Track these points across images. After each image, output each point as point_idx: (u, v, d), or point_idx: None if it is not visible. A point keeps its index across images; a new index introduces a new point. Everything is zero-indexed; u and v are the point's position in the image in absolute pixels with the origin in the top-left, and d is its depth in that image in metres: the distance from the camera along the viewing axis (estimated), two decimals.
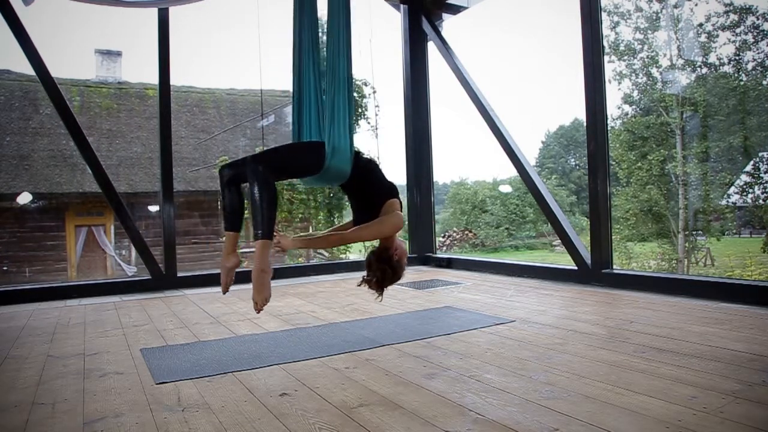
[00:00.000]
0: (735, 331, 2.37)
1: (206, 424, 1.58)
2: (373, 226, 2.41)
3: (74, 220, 10.85)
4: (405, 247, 2.54)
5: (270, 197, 2.19)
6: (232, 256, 2.42)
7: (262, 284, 2.22)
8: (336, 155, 2.36)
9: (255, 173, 2.19)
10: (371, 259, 2.46)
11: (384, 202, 2.44)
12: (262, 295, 2.22)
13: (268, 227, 2.19)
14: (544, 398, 1.67)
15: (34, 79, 6.03)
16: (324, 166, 2.35)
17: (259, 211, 2.17)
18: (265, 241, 2.20)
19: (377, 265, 2.42)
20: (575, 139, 20.51)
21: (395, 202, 2.47)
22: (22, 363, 2.28)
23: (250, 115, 12.72)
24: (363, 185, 2.50)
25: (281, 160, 2.38)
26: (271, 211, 2.20)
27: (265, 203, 2.17)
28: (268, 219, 2.18)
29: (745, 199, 9.25)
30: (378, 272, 2.41)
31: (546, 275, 4.19)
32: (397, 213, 2.43)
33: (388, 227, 2.41)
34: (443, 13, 5.38)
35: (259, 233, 2.19)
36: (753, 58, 9.12)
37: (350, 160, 2.40)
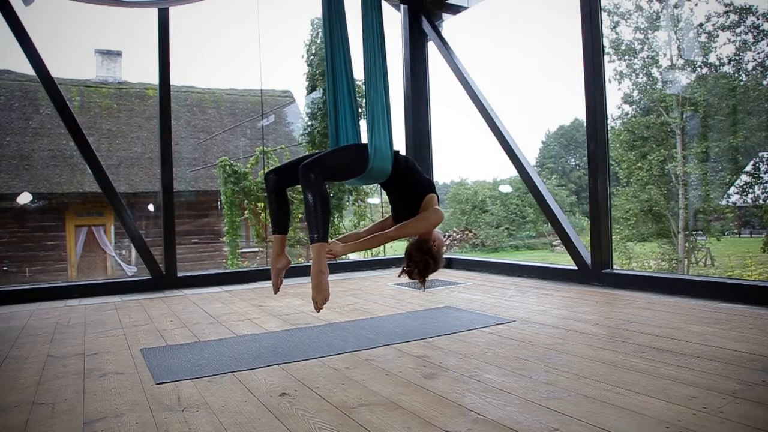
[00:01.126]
0: (735, 331, 2.37)
1: (206, 424, 1.58)
2: (416, 223, 2.51)
3: (74, 220, 10.85)
4: (443, 239, 2.65)
5: (324, 202, 2.29)
6: (281, 257, 2.59)
7: (321, 284, 2.34)
8: (378, 156, 2.48)
9: (308, 181, 2.28)
10: (411, 251, 2.53)
11: (423, 198, 2.55)
12: (321, 295, 2.34)
13: (324, 231, 2.30)
14: (544, 398, 1.67)
15: (34, 79, 6.03)
16: (368, 167, 2.47)
17: (314, 216, 2.27)
18: (321, 244, 2.31)
19: (419, 256, 2.50)
20: (575, 139, 20.51)
21: (433, 197, 2.58)
22: (22, 363, 2.28)
23: (250, 115, 12.73)
24: (402, 182, 2.61)
25: (331, 166, 2.48)
26: (325, 215, 2.29)
27: (319, 208, 2.27)
28: (323, 223, 2.29)
29: (745, 199, 9.25)
30: (420, 263, 2.50)
31: (546, 275, 4.19)
32: (437, 209, 2.54)
33: (429, 223, 2.52)
34: (443, 13, 5.37)
35: (315, 237, 2.30)
36: (753, 58, 9.11)
37: (391, 159, 2.52)
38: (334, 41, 2.68)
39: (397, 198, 2.69)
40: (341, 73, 2.68)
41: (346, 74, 2.68)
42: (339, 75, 2.68)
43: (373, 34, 2.61)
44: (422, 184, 2.60)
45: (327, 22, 2.70)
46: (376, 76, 2.58)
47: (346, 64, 2.68)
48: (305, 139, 10.52)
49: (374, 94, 2.57)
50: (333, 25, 2.68)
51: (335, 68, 2.68)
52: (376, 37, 2.61)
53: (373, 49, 2.60)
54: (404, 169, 2.60)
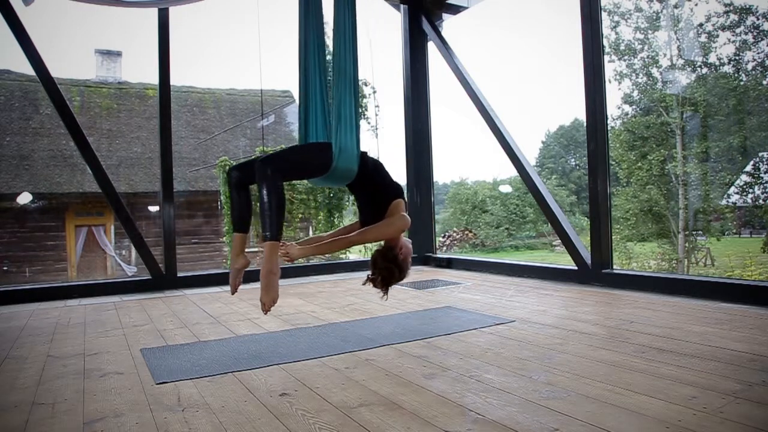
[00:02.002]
0: (735, 331, 2.37)
1: (206, 424, 1.58)
2: (379, 228, 2.43)
3: (74, 220, 10.85)
4: (410, 246, 2.57)
5: (279, 200, 2.21)
6: (240, 257, 2.47)
7: (270, 285, 2.23)
8: (343, 155, 2.39)
9: (264, 176, 2.21)
10: (377, 258, 2.47)
11: (390, 203, 2.47)
12: (269, 296, 2.24)
13: (277, 229, 2.22)
14: (544, 398, 1.67)
15: (34, 79, 6.03)
16: (331, 166, 2.38)
17: (268, 214, 2.19)
18: (274, 242, 2.22)
19: (383, 264, 2.43)
20: (575, 139, 20.50)
21: (401, 202, 2.50)
22: (22, 363, 2.28)
23: (250, 115, 12.73)
24: (369, 185, 2.53)
25: (290, 163, 2.40)
26: (280, 213, 2.22)
27: (274, 206, 2.20)
28: (276, 221, 2.21)
29: (745, 199, 9.25)
30: (384, 271, 2.43)
31: (546, 275, 4.19)
32: (403, 215, 2.46)
33: (394, 229, 2.44)
34: (443, 13, 5.37)
35: (267, 235, 2.21)
36: (753, 58, 9.12)
37: (357, 159, 2.43)
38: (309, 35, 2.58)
39: (363, 201, 2.61)
40: (314, 69, 2.57)
41: (319, 71, 2.58)
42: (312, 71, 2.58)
43: (345, 26, 2.49)
44: (389, 188, 2.51)
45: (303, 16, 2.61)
46: (346, 72, 2.47)
47: (319, 61, 2.58)
48: None
49: (342, 90, 2.45)
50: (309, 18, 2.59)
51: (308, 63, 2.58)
52: (347, 29, 2.49)
53: (344, 42, 2.48)
54: (371, 171, 2.51)
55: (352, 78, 2.48)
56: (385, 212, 2.46)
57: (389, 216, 2.45)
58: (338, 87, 2.46)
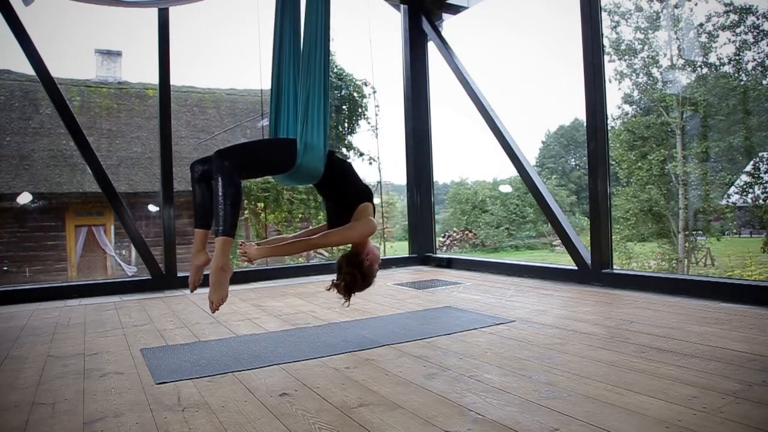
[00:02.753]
0: (735, 331, 2.37)
1: (206, 424, 1.58)
2: (342, 232, 2.36)
3: (74, 220, 10.86)
4: (378, 253, 2.48)
5: (234, 194, 2.14)
6: (201, 254, 2.39)
7: (220, 283, 2.17)
8: (308, 153, 2.30)
9: (220, 168, 2.13)
10: (342, 263, 2.40)
11: (357, 206, 2.40)
12: (218, 295, 2.17)
13: (231, 225, 2.15)
14: (544, 398, 1.67)
15: (34, 79, 6.03)
16: (295, 164, 2.29)
17: (222, 208, 2.12)
18: (226, 238, 2.15)
19: (347, 269, 2.37)
20: (575, 139, 20.50)
21: (368, 206, 2.42)
22: (22, 363, 2.28)
23: (250, 115, 12.73)
24: (336, 186, 2.45)
25: (249, 156, 2.32)
26: (235, 208, 2.14)
27: (228, 200, 2.12)
28: (231, 216, 2.14)
29: (745, 199, 9.25)
30: (347, 276, 2.37)
31: (546, 275, 4.19)
32: (368, 219, 2.38)
33: (357, 233, 2.36)
34: (443, 13, 5.37)
35: (219, 230, 2.14)
36: (753, 58, 9.12)
37: (323, 158, 2.35)
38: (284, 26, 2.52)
39: (330, 203, 2.53)
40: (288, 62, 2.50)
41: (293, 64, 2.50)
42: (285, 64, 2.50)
43: (317, 17, 2.38)
44: (357, 190, 2.43)
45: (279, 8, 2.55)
46: (315, 65, 2.35)
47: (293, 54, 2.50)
48: None
49: (311, 85, 2.34)
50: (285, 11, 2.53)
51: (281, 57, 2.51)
52: (319, 20, 2.38)
53: (315, 34, 2.37)
54: (339, 172, 2.43)
55: (322, 72, 2.37)
56: (352, 215, 2.39)
57: (355, 219, 2.38)
58: (307, 81, 2.35)
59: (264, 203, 10.23)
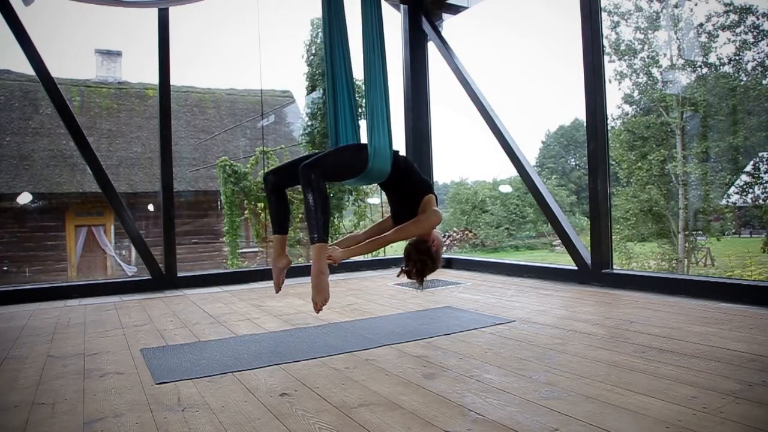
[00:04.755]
0: (735, 331, 2.37)
1: (206, 424, 1.58)
2: (415, 224, 2.53)
3: (74, 220, 10.85)
4: (441, 239, 2.66)
5: (324, 203, 2.29)
6: (282, 257, 2.60)
7: (321, 286, 2.33)
8: (377, 156, 2.49)
9: (308, 181, 2.29)
10: (410, 251, 2.54)
11: (422, 198, 2.57)
12: (321, 296, 2.33)
13: (324, 231, 2.30)
14: (544, 398, 1.67)
15: (34, 79, 6.03)
16: (367, 167, 2.48)
17: (314, 217, 2.28)
18: (322, 244, 2.31)
19: (417, 257, 2.51)
20: (575, 139, 20.51)
21: (432, 197, 2.60)
22: (22, 363, 2.28)
23: (250, 115, 12.73)
24: (402, 183, 2.63)
25: (331, 166, 2.49)
26: (326, 215, 2.30)
27: (319, 209, 2.28)
28: (323, 223, 2.29)
29: (745, 199, 9.25)
30: (419, 263, 2.51)
31: (546, 275, 4.19)
32: (435, 209, 2.57)
33: (429, 224, 2.54)
34: (443, 13, 5.37)
35: (315, 237, 2.30)
36: (753, 58, 9.12)
37: (390, 159, 2.53)
38: (334, 41, 2.69)
39: (395, 198, 2.71)
40: (341, 73, 2.68)
41: (346, 74, 2.69)
42: (339, 75, 2.68)
43: (373, 34, 2.61)
44: (421, 184, 2.62)
45: (327, 22, 2.72)
46: (376, 76, 2.59)
47: (345, 64, 2.69)
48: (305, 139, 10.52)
49: (374, 94, 2.58)
50: (333, 24, 2.70)
51: (335, 68, 2.69)
52: (375, 36, 2.61)
53: (373, 48, 2.60)
54: (403, 169, 2.61)
55: (382, 81, 2.59)
56: (418, 208, 2.56)
57: (422, 212, 2.54)
58: (370, 91, 2.58)
59: (264, 203, 10.22)
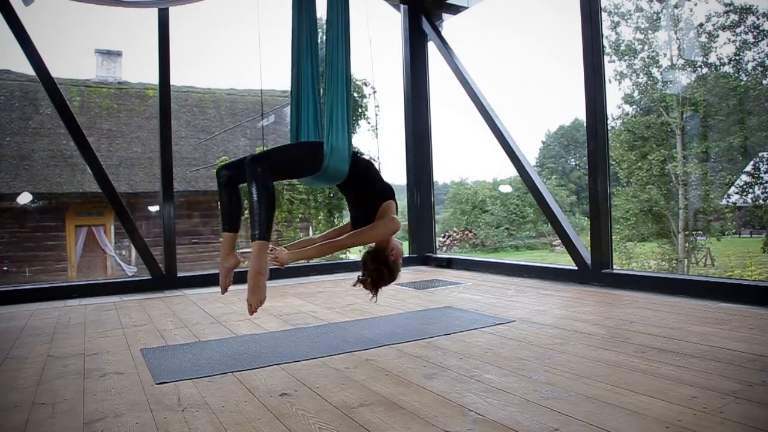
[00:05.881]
0: (735, 331, 2.37)
1: (206, 424, 1.58)
2: (369, 231, 2.40)
3: (74, 220, 10.86)
4: (401, 248, 2.54)
5: (268, 198, 2.18)
6: (230, 256, 2.44)
7: (258, 286, 2.19)
8: (334, 155, 2.36)
9: (254, 174, 2.18)
10: (367, 259, 2.45)
11: (380, 204, 2.45)
12: (257, 297, 2.20)
13: (266, 228, 2.18)
14: (544, 398, 1.67)
15: (34, 79, 6.03)
16: (322, 166, 2.35)
17: (257, 213, 2.16)
18: (263, 242, 2.19)
19: (373, 265, 2.41)
20: (575, 139, 20.52)
21: (391, 204, 2.47)
22: (22, 363, 2.28)
23: (250, 115, 12.73)
24: (360, 186, 2.50)
25: (280, 161, 2.37)
26: (270, 212, 2.19)
27: (263, 204, 2.16)
28: (266, 220, 2.17)
29: (745, 199, 9.24)
30: (374, 272, 2.41)
31: (546, 275, 4.19)
32: (392, 217, 2.43)
33: (384, 231, 2.40)
34: (443, 13, 5.38)
35: (256, 234, 2.18)
36: (753, 58, 9.12)
37: (348, 159, 2.40)
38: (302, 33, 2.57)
39: (354, 202, 2.58)
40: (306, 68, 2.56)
41: (311, 70, 2.56)
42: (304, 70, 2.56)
43: (337, 25, 2.45)
44: (381, 189, 2.48)
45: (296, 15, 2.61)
46: (338, 71, 2.43)
47: (312, 60, 2.56)
48: None
49: (334, 89, 2.41)
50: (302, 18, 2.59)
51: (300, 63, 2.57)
52: (340, 28, 2.45)
53: (337, 41, 2.44)
54: (363, 172, 2.48)
55: (344, 77, 2.44)
56: (376, 214, 2.43)
57: (379, 218, 2.42)
58: (330, 86, 2.42)
59: None
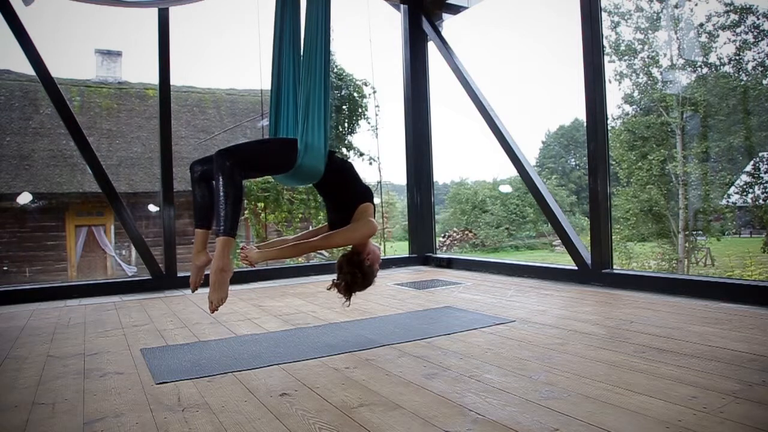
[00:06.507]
0: (735, 331, 2.37)
1: (206, 424, 1.58)
2: (344, 233, 2.36)
3: (74, 220, 10.85)
4: (379, 252, 2.49)
5: (235, 193, 2.13)
6: (201, 254, 2.39)
7: (220, 284, 2.16)
8: (308, 153, 2.30)
9: (221, 168, 2.13)
10: (342, 263, 2.41)
11: (357, 206, 2.40)
12: (218, 295, 2.16)
13: (231, 224, 2.14)
14: (544, 398, 1.67)
15: (34, 79, 6.03)
16: (296, 163, 2.30)
17: (223, 208, 2.12)
18: (227, 238, 2.14)
19: (348, 269, 2.38)
20: (575, 139, 20.51)
21: (368, 206, 2.42)
22: (22, 363, 2.28)
23: (250, 115, 12.72)
24: (337, 186, 2.46)
25: (250, 156, 2.31)
26: (236, 208, 2.14)
27: (230, 199, 2.12)
28: (231, 216, 2.13)
29: (745, 199, 9.24)
30: (348, 276, 2.37)
31: (546, 275, 4.19)
32: (369, 219, 2.38)
33: (359, 234, 2.36)
34: (443, 13, 5.38)
35: (221, 230, 2.14)
36: (753, 58, 9.12)
37: (324, 158, 2.35)
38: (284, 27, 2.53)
39: (330, 203, 2.52)
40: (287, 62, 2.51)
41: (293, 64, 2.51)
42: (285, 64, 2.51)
43: (317, 18, 2.38)
44: (358, 191, 2.43)
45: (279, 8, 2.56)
46: (315, 65, 2.35)
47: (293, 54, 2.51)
48: None
49: (311, 85, 2.35)
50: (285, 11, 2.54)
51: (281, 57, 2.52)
52: (320, 21, 2.38)
53: (315, 34, 2.37)
54: (339, 172, 2.44)
55: (322, 73, 2.36)
56: (352, 216, 2.39)
57: (355, 220, 2.37)
58: (307, 81, 2.36)
59: (264, 203, 10.21)
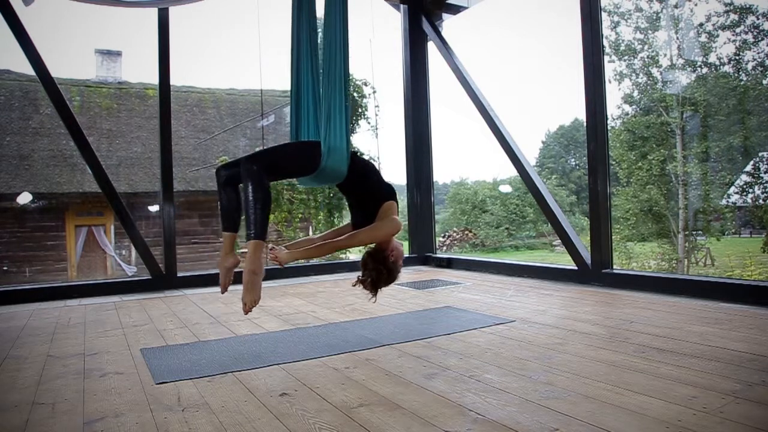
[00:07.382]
0: (735, 331, 2.37)
1: (206, 424, 1.58)
2: (369, 232, 2.40)
3: (74, 220, 10.85)
4: (402, 249, 2.53)
5: (264, 198, 2.18)
6: (230, 256, 2.43)
7: (253, 285, 2.20)
8: (332, 155, 2.36)
9: (249, 173, 2.18)
10: (367, 259, 2.44)
11: (381, 205, 2.44)
12: (251, 297, 2.20)
13: (261, 228, 2.18)
14: (544, 398, 1.67)
15: (34, 79, 6.02)
16: (320, 166, 2.35)
17: (253, 212, 2.16)
18: (258, 242, 2.19)
19: (373, 266, 2.41)
20: (575, 139, 20.50)
21: (392, 204, 2.46)
22: (22, 363, 2.28)
23: (250, 115, 12.72)
24: (360, 186, 2.50)
25: (276, 160, 2.37)
26: (265, 211, 2.18)
27: (259, 204, 2.16)
28: (261, 220, 2.17)
29: (745, 199, 9.25)
30: (373, 272, 2.40)
31: (546, 275, 4.19)
32: (393, 218, 2.42)
33: (384, 233, 2.40)
34: (443, 13, 5.38)
35: (251, 234, 2.18)
36: (753, 58, 9.12)
37: (346, 160, 2.40)
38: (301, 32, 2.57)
39: (354, 203, 2.57)
40: (306, 67, 2.56)
41: (311, 69, 2.56)
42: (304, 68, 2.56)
43: (336, 23, 2.44)
44: (381, 190, 2.47)
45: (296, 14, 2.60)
46: (335, 70, 2.42)
47: (311, 59, 2.56)
48: None
49: (332, 90, 2.41)
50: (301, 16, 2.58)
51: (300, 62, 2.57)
52: (338, 26, 2.43)
53: (335, 40, 2.43)
54: (362, 172, 2.48)
55: (342, 76, 2.43)
56: (376, 214, 2.43)
57: (380, 218, 2.41)
58: (328, 85, 2.42)
59: None
